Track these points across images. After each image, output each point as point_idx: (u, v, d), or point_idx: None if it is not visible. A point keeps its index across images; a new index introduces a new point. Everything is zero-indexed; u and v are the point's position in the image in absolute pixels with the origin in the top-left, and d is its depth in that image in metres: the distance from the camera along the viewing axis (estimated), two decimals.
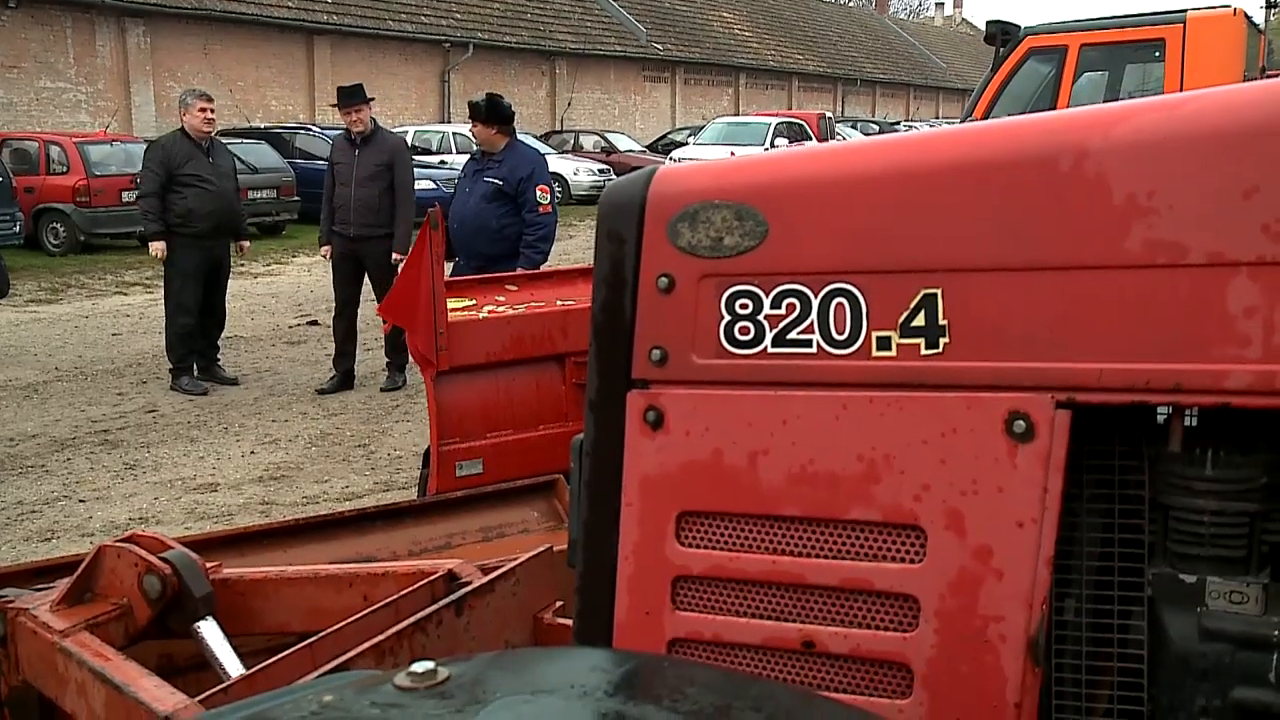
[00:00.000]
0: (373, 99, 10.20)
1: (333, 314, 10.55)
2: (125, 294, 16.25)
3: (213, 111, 10.13)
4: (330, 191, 10.07)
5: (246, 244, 10.86)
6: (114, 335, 12.68)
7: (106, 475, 8.03)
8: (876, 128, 41.59)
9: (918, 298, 1.52)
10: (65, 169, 20.76)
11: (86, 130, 23.99)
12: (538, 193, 8.76)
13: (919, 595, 1.51)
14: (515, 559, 2.57)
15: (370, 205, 9.80)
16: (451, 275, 8.72)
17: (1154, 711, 1.46)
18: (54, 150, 21.19)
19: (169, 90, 28.54)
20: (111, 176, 20.02)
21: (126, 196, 19.21)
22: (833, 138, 31.42)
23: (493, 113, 8.87)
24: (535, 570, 2.56)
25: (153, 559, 2.51)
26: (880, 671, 1.55)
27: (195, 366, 10.34)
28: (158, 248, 9.98)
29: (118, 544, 2.57)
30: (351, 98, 9.87)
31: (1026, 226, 1.46)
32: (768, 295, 1.59)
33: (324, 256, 10.56)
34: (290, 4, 32.24)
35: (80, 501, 7.46)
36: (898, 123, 48.36)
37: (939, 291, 1.51)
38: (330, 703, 1.05)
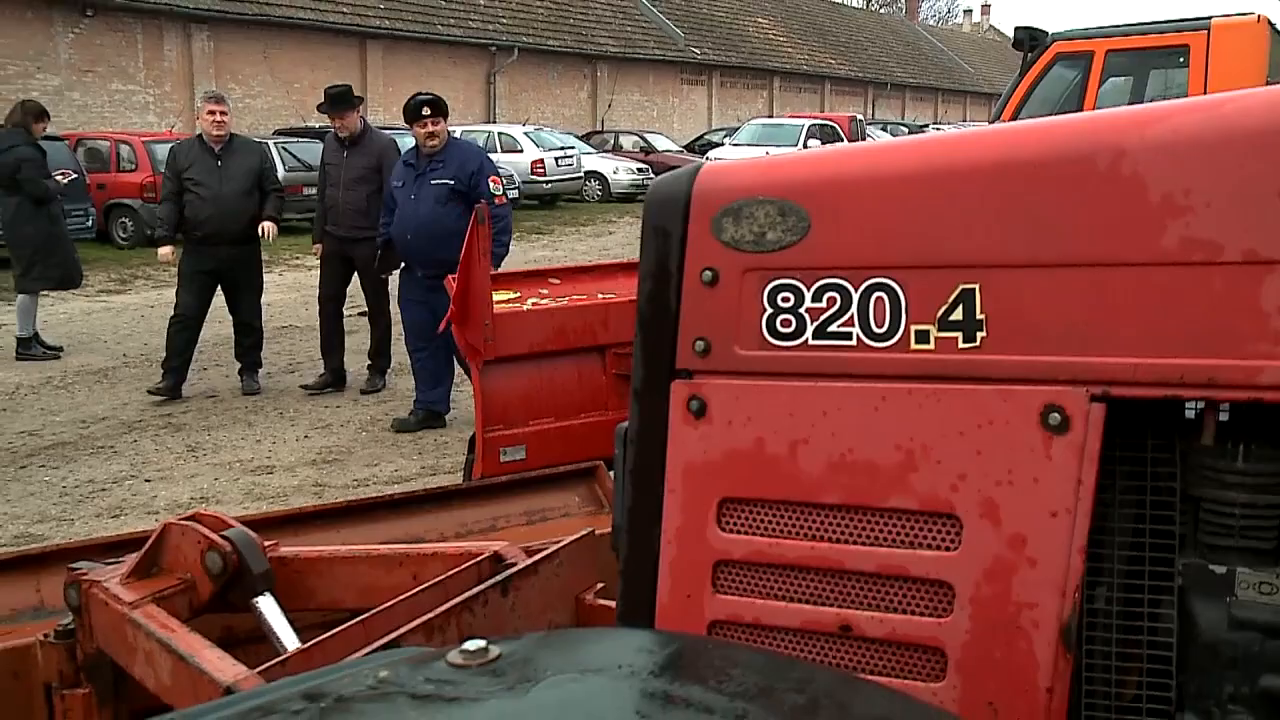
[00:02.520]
0: (361, 98, 9.79)
1: (317, 310, 10.03)
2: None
3: (223, 115, 9.63)
4: (323, 193, 9.67)
5: (266, 225, 9.69)
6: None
7: (170, 456, 8.09)
8: (906, 130, 41.41)
9: (956, 292, 1.50)
10: (134, 166, 20.95)
11: (153, 130, 24.17)
12: (491, 184, 8.23)
13: (954, 582, 1.49)
14: (558, 542, 2.57)
15: (359, 207, 9.26)
16: (402, 288, 8.59)
17: (1182, 698, 1.44)
18: (123, 149, 21.41)
19: (230, 91, 28.69)
20: None
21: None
22: (863, 139, 31.30)
23: (444, 107, 8.47)
24: (577, 553, 2.56)
25: (215, 537, 2.52)
26: (915, 655, 1.53)
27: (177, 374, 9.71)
28: (163, 252, 9.84)
29: (182, 522, 2.59)
30: (336, 104, 9.39)
31: (1064, 224, 1.44)
32: (809, 289, 1.57)
33: (314, 254, 10.18)
34: (345, 9, 32.40)
35: (146, 481, 7.52)
36: (926, 125, 48.14)
37: (977, 286, 1.49)
38: (386, 678, 1.04)
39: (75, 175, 12.91)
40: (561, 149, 30.41)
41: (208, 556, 2.52)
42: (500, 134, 30.35)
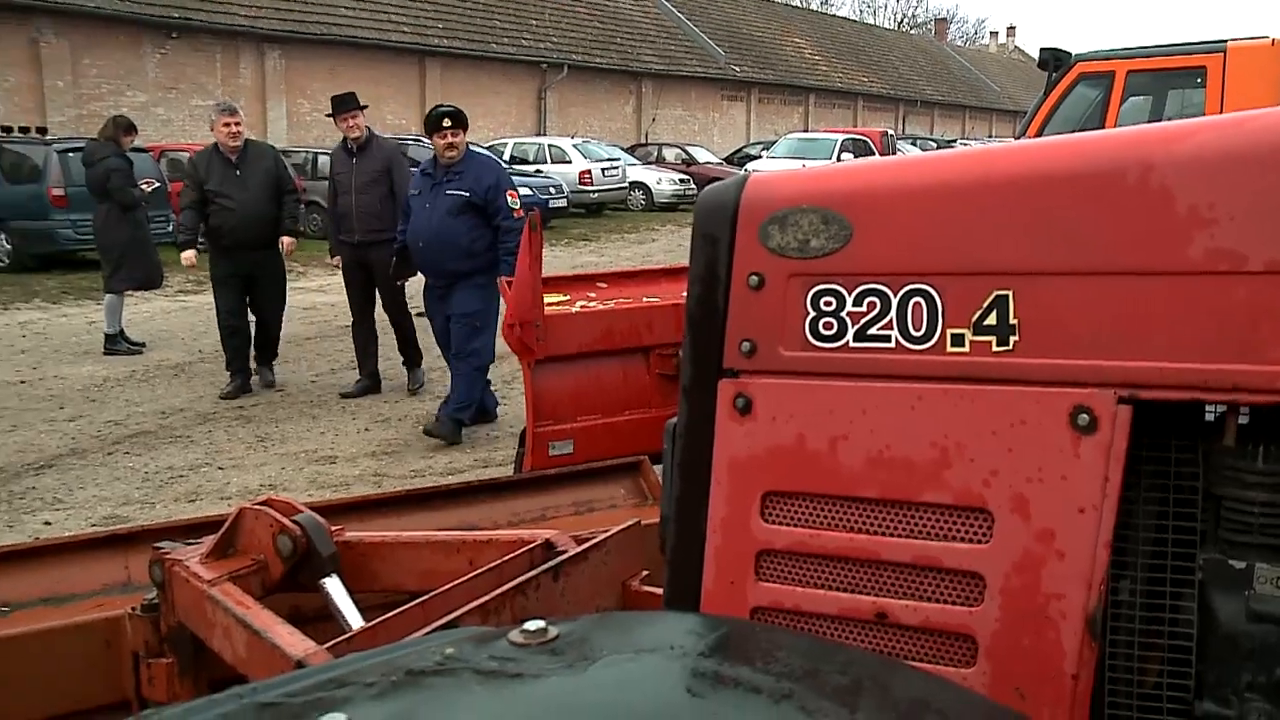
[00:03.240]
0: (366, 106, 9.46)
1: (351, 323, 9.70)
2: None
3: (238, 125, 9.53)
4: (333, 202, 9.39)
5: (285, 240, 9.66)
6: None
7: (241, 446, 8.15)
8: (935, 145, 41.20)
9: (990, 298, 1.49)
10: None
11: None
12: (508, 198, 7.86)
13: (985, 573, 1.49)
14: (606, 531, 2.57)
15: (372, 211, 8.95)
16: (426, 299, 8.33)
17: (1201, 687, 1.43)
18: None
19: (299, 106, 29.11)
20: None
21: None
22: (893, 153, 31.16)
23: (464, 120, 8.16)
24: (624, 541, 2.56)
25: (285, 521, 2.54)
26: (947, 642, 1.53)
27: (245, 369, 9.76)
28: (186, 257, 9.74)
29: (255, 506, 2.61)
30: (344, 105, 9.12)
31: (1094, 234, 1.43)
32: (850, 294, 1.56)
33: (335, 266, 9.92)
34: (406, 29, 32.61)
35: (219, 469, 7.59)
36: (954, 140, 47.83)
37: (1010, 293, 1.48)
38: (452, 654, 1.04)
39: (158, 184, 13.04)
40: (608, 160, 30.43)
41: (279, 539, 2.54)
42: (550, 146, 30.45)
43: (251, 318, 9.85)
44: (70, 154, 16.45)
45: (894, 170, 1.64)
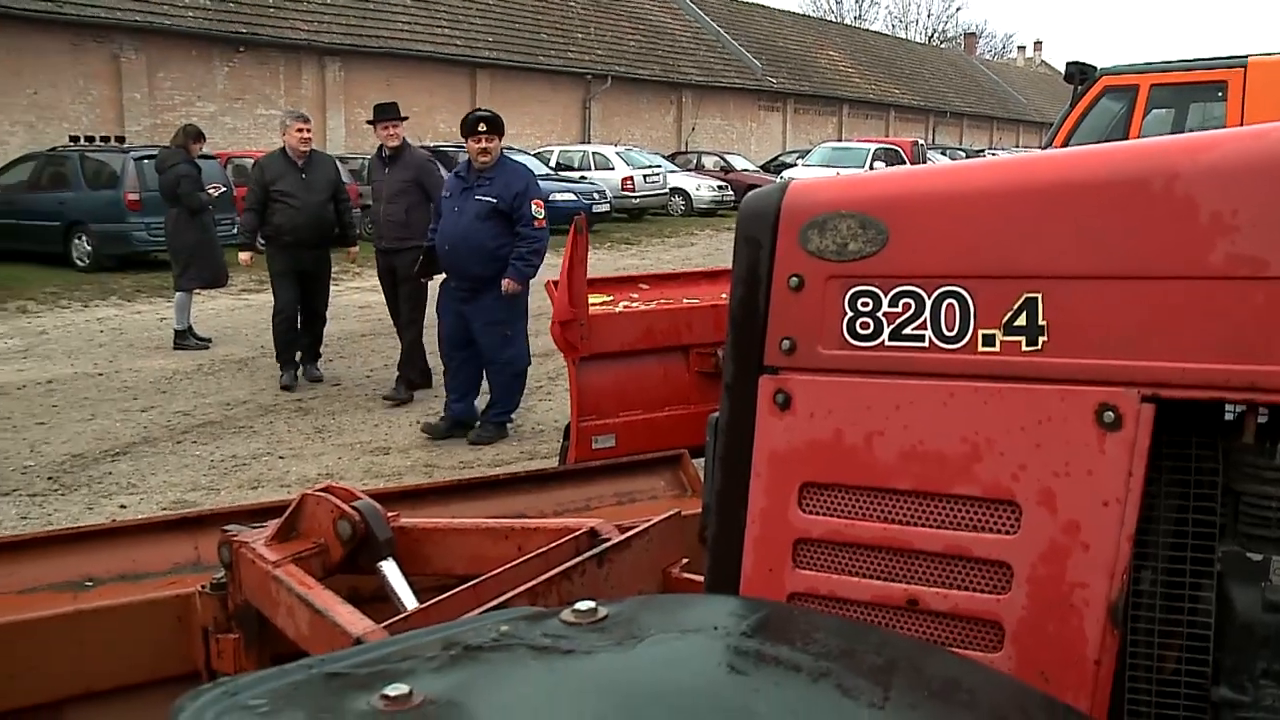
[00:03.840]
0: (406, 118, 9.38)
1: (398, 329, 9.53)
2: None
3: (309, 131, 9.72)
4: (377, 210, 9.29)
5: (353, 249, 10.26)
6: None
7: (300, 437, 8.21)
8: (963, 154, 40.93)
9: (1020, 300, 1.49)
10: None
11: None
12: (533, 207, 7.61)
13: (1013, 562, 1.49)
14: (648, 520, 2.57)
15: (398, 219, 8.80)
16: (440, 296, 8.08)
17: (1218, 673, 1.43)
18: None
19: (357, 115, 29.21)
20: None
21: None
22: (924, 162, 30.96)
23: (500, 125, 7.90)
24: (665, 530, 2.56)
25: (345, 507, 2.56)
26: (975, 628, 1.53)
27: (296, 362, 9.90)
28: (243, 257, 9.98)
29: (317, 493, 2.63)
30: (385, 114, 9.00)
31: (1120, 240, 1.43)
32: (886, 295, 1.56)
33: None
34: (458, 43, 32.74)
35: (280, 458, 7.65)
36: (982, 150, 47.51)
37: (1040, 295, 1.48)
38: (508, 631, 1.06)
39: (224, 189, 13.17)
40: (649, 167, 30.42)
41: (339, 524, 2.55)
42: (594, 153, 30.47)
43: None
44: (145, 161, 16.66)
45: (928, 177, 1.64)
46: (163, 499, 6.81)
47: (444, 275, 7.99)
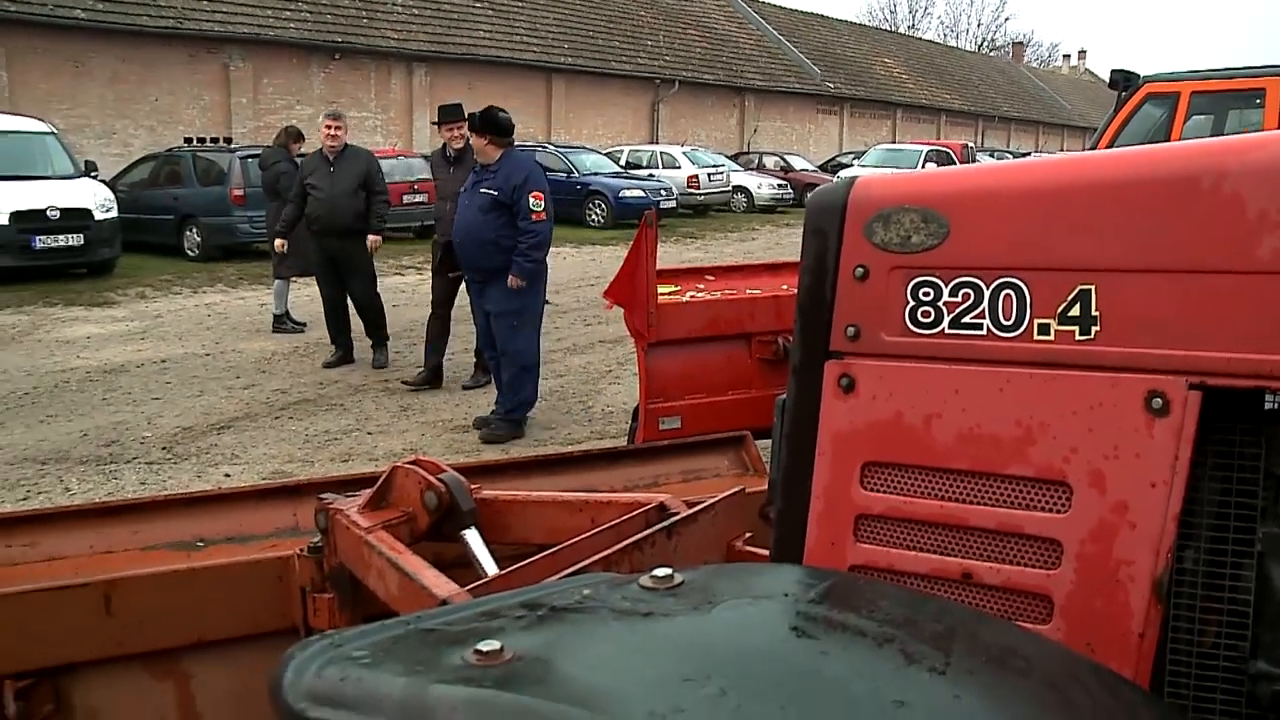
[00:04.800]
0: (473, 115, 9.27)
1: (428, 315, 9.25)
2: (402, 274, 16.72)
3: (338, 129, 9.62)
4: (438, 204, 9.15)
5: (371, 239, 9.82)
6: (394, 306, 13.03)
7: (386, 415, 8.30)
8: (1010, 156, 40.34)
9: (1074, 292, 1.47)
10: None
11: (380, 148, 24.90)
12: (531, 200, 7.27)
13: (1063, 540, 1.47)
14: (714, 497, 2.56)
15: None
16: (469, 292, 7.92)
17: (1255, 648, 1.40)
18: None
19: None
20: (395, 183, 20.47)
21: (406, 199, 19.86)
22: (973, 164, 30.54)
23: (486, 124, 7.45)
24: (730, 506, 2.55)
25: (431, 479, 2.57)
26: (1026, 601, 1.51)
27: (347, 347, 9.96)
28: (278, 244, 10.25)
29: (406, 465, 2.64)
30: (451, 116, 8.74)
31: (1171, 235, 1.41)
32: (947, 285, 1.55)
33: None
34: (535, 50, 32.86)
35: (368, 434, 7.74)
36: (1028, 153, 46.80)
37: (1093, 287, 1.46)
38: (590, 595, 1.06)
39: None
40: (713, 166, 30.34)
41: (426, 495, 2.56)
42: (662, 153, 30.45)
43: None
44: (249, 160, 16.98)
45: (988, 174, 1.62)
46: (262, 469, 6.93)
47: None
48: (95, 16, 23.13)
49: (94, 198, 15.76)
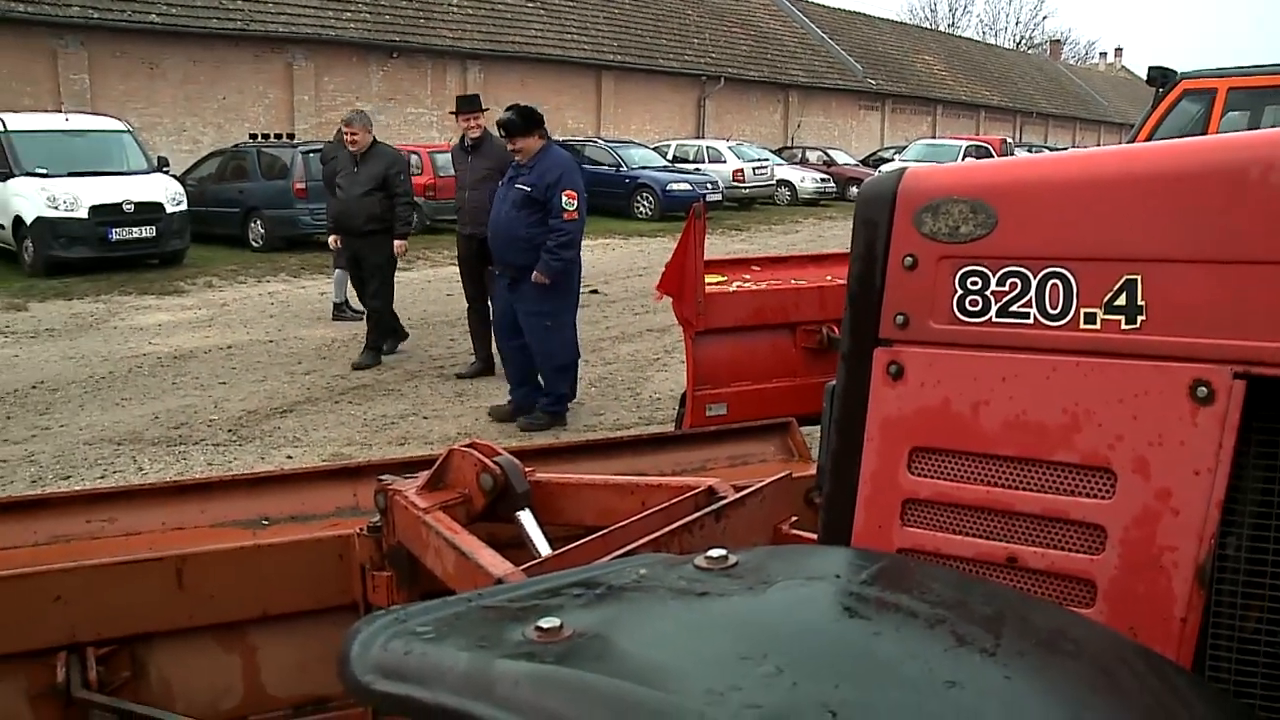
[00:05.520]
0: (487, 109, 8.92)
1: (466, 309, 9.21)
2: (455, 265, 16.79)
3: (353, 134, 9.28)
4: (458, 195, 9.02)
5: (397, 244, 9.49)
6: (447, 295, 13.16)
7: (441, 400, 8.35)
8: (1048, 152, 39.82)
9: (1120, 281, 1.44)
10: (420, 171, 21.62)
11: (435, 143, 24.99)
12: (564, 198, 6.98)
13: (1107, 525, 1.45)
14: (761, 481, 2.54)
15: (483, 206, 8.04)
16: (494, 284, 7.77)
17: None
18: (413, 158, 22.03)
19: (493, 114, 29.56)
20: (450, 177, 20.64)
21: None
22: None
23: (529, 122, 7.14)
24: (777, 490, 2.53)
25: (488, 461, 2.57)
26: (1070, 585, 1.49)
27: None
28: (331, 240, 10.17)
29: (463, 448, 2.65)
30: (470, 106, 8.69)
31: (1217, 225, 1.38)
32: (994, 275, 1.53)
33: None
34: (586, 47, 32.86)
35: (424, 418, 7.79)
36: (1065, 148, 46.17)
37: (1139, 277, 1.43)
38: (646, 574, 1.05)
39: None
40: (758, 160, 30.22)
41: (482, 477, 2.57)
42: (708, 148, 30.39)
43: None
44: (310, 154, 17.16)
45: (1035, 166, 1.59)
46: (323, 451, 7.00)
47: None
48: (169, 20, 23.48)
49: (166, 192, 16.02)
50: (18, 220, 15.16)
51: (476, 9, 30.80)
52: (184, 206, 16.18)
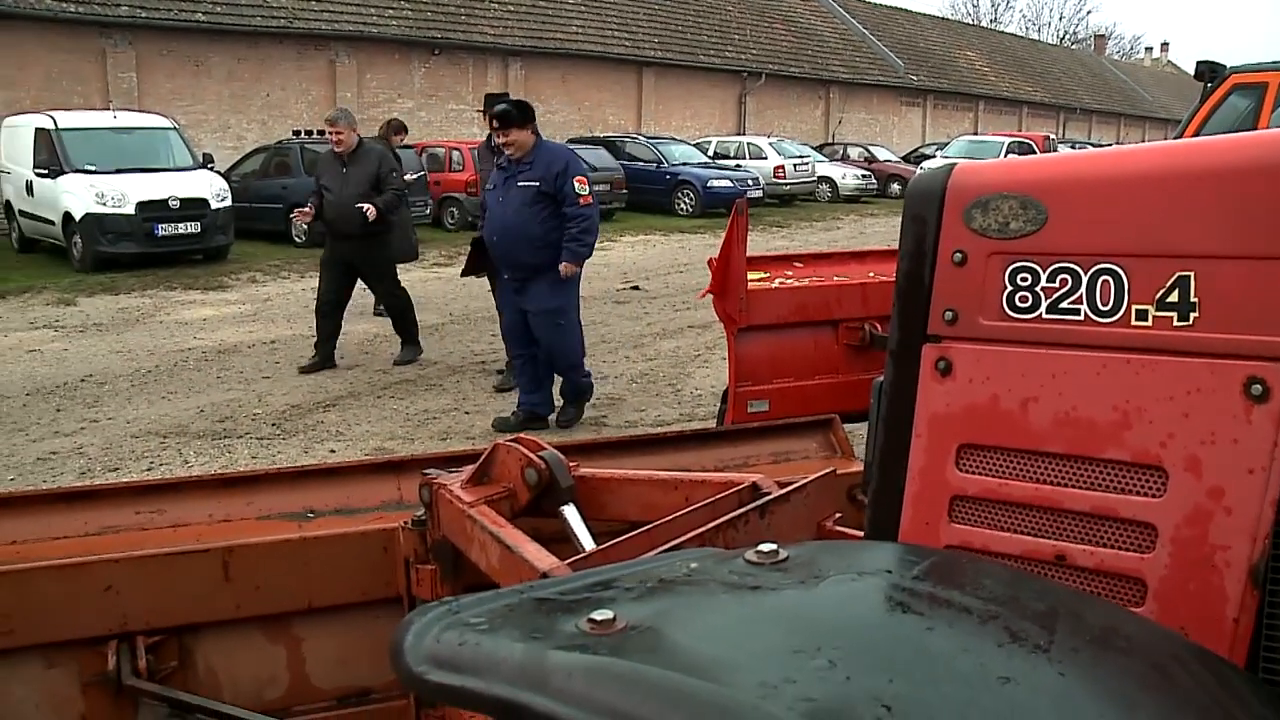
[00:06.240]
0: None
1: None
2: None
3: (337, 134, 8.99)
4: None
5: (366, 205, 8.82)
6: (488, 291, 13.16)
7: (483, 395, 8.39)
8: (1091, 148, 39.31)
9: (1173, 278, 1.42)
10: (460, 168, 21.80)
11: (477, 139, 25.10)
12: (576, 184, 6.79)
13: (1158, 524, 1.43)
14: (805, 478, 2.53)
15: None
16: (499, 291, 7.57)
17: None
18: (454, 154, 22.37)
19: (537, 109, 29.66)
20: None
21: None
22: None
23: (525, 114, 6.94)
24: (821, 486, 2.53)
25: (532, 456, 2.58)
26: (1119, 584, 1.47)
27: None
28: (299, 216, 9.66)
29: (508, 443, 2.66)
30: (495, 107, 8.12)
31: (1271, 221, 1.36)
32: (1044, 271, 1.51)
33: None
34: (626, 43, 32.86)
35: (465, 413, 7.83)
36: (1109, 145, 45.53)
37: (1192, 274, 1.41)
38: (697, 568, 1.06)
39: (421, 173, 13.42)
40: (799, 157, 30.11)
41: (527, 471, 2.58)
42: (749, 144, 30.33)
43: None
44: None
45: (1086, 161, 1.58)
46: (365, 446, 7.05)
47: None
48: (214, 19, 23.77)
49: (210, 188, 16.22)
50: (67, 216, 15.40)
51: (518, 6, 30.88)
52: (228, 202, 16.37)
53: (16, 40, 21.01)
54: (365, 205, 8.77)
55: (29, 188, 16.47)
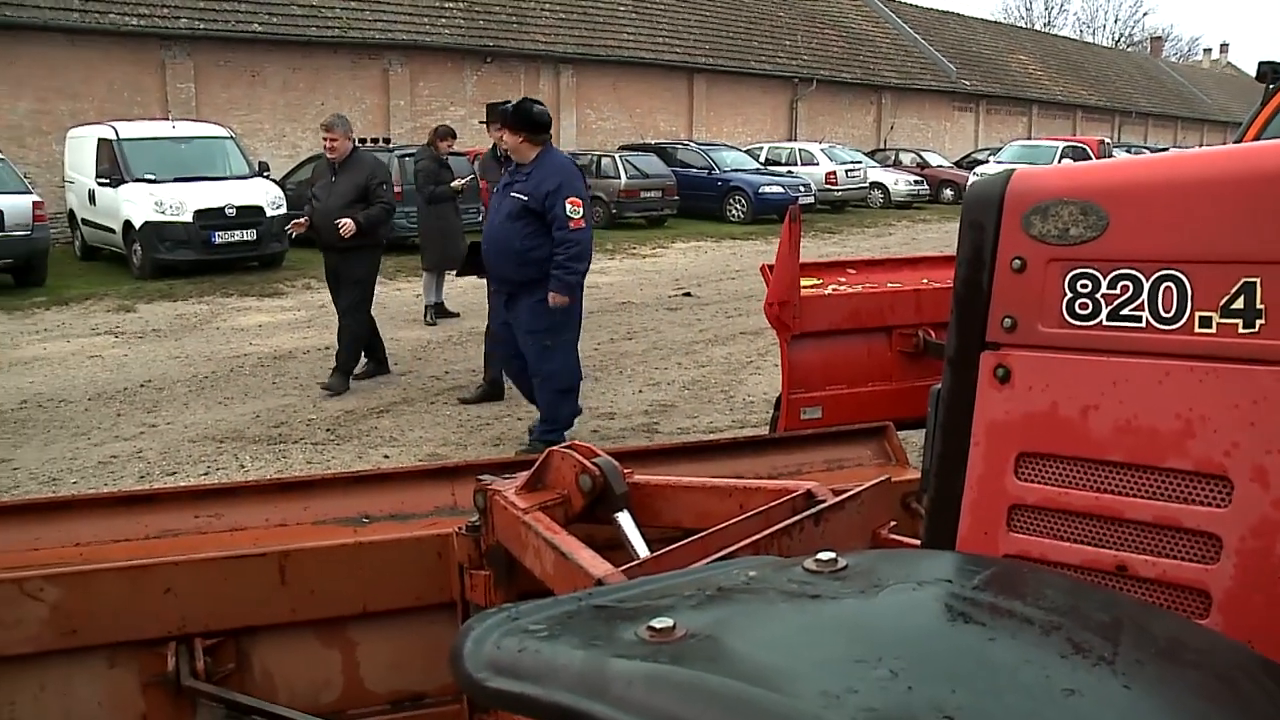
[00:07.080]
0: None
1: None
2: None
3: (332, 140, 8.56)
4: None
5: (345, 220, 8.38)
6: None
7: None
8: (1148, 152, 38.77)
9: (1238, 284, 1.40)
10: None
11: None
12: (567, 206, 6.25)
13: (1222, 535, 1.40)
14: (860, 485, 2.51)
15: None
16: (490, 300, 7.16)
17: None
18: None
19: (586, 116, 29.84)
20: None
21: None
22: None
23: (519, 119, 6.43)
24: (876, 494, 2.50)
25: (586, 463, 2.58)
26: (1182, 595, 1.45)
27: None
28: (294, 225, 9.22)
29: (562, 450, 2.66)
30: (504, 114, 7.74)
31: None
32: (1105, 277, 1.49)
33: None
34: (678, 50, 32.88)
35: (518, 419, 7.85)
36: (1166, 148, 44.83)
37: (1258, 280, 1.39)
38: (756, 576, 1.05)
39: (470, 177, 13.46)
40: (850, 163, 29.97)
41: (581, 478, 2.57)
42: (800, 150, 30.23)
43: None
44: (405, 158, 17.45)
45: (1147, 166, 1.56)
46: (419, 451, 7.11)
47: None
48: (270, 29, 24.14)
49: (266, 196, 16.46)
50: (127, 224, 15.70)
51: (569, 13, 31.02)
52: (283, 210, 16.58)
53: (83, 55, 21.48)
54: (342, 220, 8.39)
55: (91, 197, 16.82)
